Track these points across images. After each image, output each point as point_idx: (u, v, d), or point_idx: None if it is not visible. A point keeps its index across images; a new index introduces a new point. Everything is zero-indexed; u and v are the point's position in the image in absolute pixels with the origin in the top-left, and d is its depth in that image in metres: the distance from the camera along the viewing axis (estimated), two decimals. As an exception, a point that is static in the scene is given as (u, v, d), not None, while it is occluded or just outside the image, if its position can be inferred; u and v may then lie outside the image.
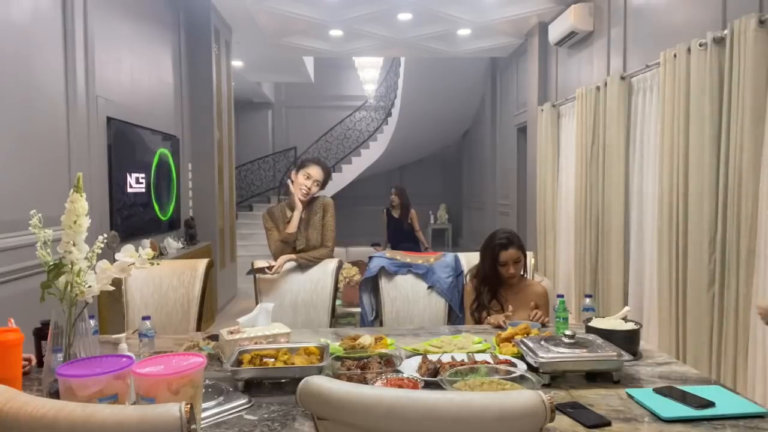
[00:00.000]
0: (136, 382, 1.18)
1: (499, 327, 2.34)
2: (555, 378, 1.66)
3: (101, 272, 1.50)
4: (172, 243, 5.01)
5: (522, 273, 2.63)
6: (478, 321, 2.55)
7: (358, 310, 3.29)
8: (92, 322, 1.60)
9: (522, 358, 1.76)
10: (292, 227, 2.86)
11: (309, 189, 2.87)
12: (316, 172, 2.88)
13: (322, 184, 2.93)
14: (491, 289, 2.57)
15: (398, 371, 1.67)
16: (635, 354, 1.84)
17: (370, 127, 11.70)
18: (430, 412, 0.95)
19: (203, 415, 1.38)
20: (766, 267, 2.74)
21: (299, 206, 2.87)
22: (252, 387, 1.63)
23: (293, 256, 2.85)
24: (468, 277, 2.73)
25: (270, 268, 2.80)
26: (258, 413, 1.45)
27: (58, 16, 3.33)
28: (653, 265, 3.79)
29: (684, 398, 1.46)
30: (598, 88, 4.62)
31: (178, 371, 1.17)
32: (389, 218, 6.35)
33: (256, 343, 1.88)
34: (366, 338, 1.97)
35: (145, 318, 1.90)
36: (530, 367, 1.68)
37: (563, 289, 5.45)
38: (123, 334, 2.06)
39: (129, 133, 4.30)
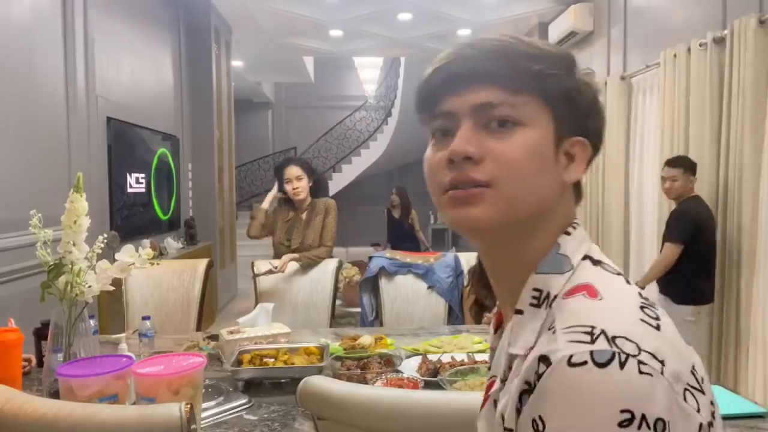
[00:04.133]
0: (136, 382, 1.18)
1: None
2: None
3: (101, 272, 1.50)
4: (172, 243, 5.01)
5: None
6: (478, 322, 2.56)
7: (358, 310, 3.29)
8: (92, 322, 1.60)
9: (522, 358, 1.76)
10: (265, 203, 3.06)
11: (296, 188, 2.94)
12: (293, 171, 2.94)
13: (308, 175, 2.98)
14: (486, 284, 2.57)
15: (398, 371, 1.67)
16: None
17: (370, 127, 11.70)
18: (430, 412, 0.95)
19: (203, 415, 1.38)
20: (766, 267, 2.74)
21: (274, 190, 3.07)
22: (252, 387, 1.63)
23: (296, 255, 2.88)
24: (467, 278, 2.74)
25: (275, 267, 2.84)
26: (258, 413, 1.45)
27: (58, 16, 3.33)
28: (653, 265, 3.79)
29: (684, 398, 1.45)
30: (598, 88, 4.61)
31: (178, 371, 1.17)
32: (390, 218, 6.35)
33: (256, 343, 1.88)
34: (366, 338, 1.97)
35: (145, 318, 1.90)
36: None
37: (563, 289, 5.44)
38: (123, 334, 2.06)
39: (129, 133, 4.30)
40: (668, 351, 0.47)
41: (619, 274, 0.56)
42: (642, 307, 0.51)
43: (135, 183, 4.37)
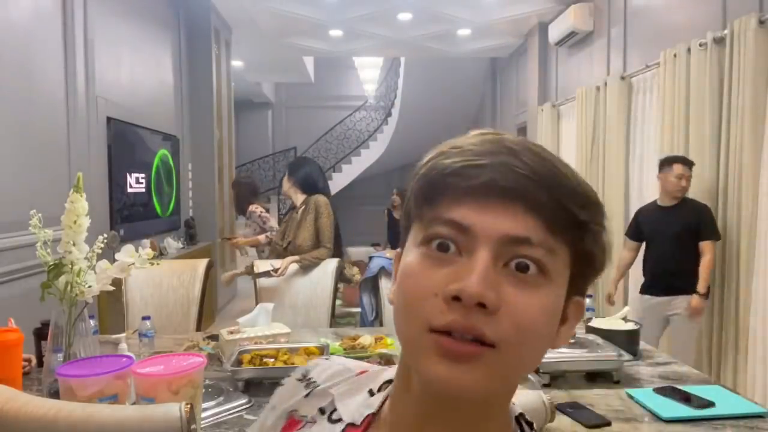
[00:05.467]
0: (136, 382, 1.18)
1: None
2: (555, 378, 1.66)
3: (101, 272, 1.50)
4: (172, 243, 5.01)
5: None
6: None
7: (358, 310, 3.30)
8: (92, 322, 1.60)
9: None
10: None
11: (285, 194, 3.17)
12: (283, 184, 3.16)
13: (288, 174, 3.10)
14: None
15: (398, 371, 1.67)
16: (635, 354, 1.84)
17: (370, 127, 11.70)
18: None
19: (203, 415, 1.38)
20: (766, 268, 2.74)
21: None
22: (252, 387, 1.63)
23: (297, 257, 2.87)
24: None
25: (276, 270, 2.82)
26: (258, 413, 1.45)
27: (58, 16, 3.33)
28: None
29: (684, 398, 1.46)
30: (598, 88, 4.62)
31: (178, 371, 1.17)
32: (390, 219, 6.36)
33: (256, 343, 1.88)
34: (366, 338, 1.97)
35: (145, 318, 1.90)
36: (530, 367, 1.68)
37: (563, 289, 5.43)
38: (123, 334, 2.06)
39: (129, 133, 4.30)
40: None
41: None
42: None
43: (135, 183, 4.37)
